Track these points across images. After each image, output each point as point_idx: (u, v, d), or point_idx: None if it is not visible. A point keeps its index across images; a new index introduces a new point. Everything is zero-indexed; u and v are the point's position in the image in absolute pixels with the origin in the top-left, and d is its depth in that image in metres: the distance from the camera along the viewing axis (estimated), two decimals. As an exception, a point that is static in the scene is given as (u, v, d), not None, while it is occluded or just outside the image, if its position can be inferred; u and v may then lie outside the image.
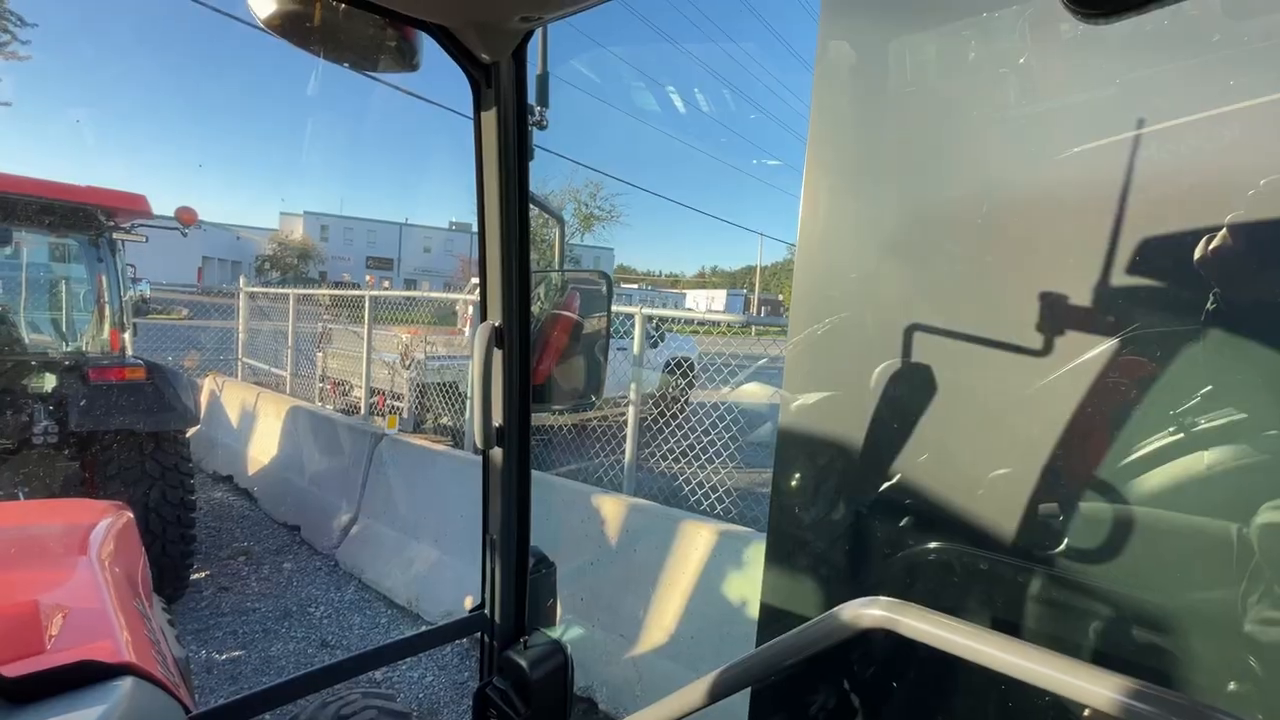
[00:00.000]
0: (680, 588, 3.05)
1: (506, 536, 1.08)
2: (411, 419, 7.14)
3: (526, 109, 0.92)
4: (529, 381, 1.05)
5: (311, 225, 51.51)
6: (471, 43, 0.83)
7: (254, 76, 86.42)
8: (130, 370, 3.69)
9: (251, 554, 4.88)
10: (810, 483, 1.54)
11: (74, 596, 1.10)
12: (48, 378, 3.70)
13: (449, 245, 55.86)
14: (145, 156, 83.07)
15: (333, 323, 8.56)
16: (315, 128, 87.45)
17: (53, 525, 1.57)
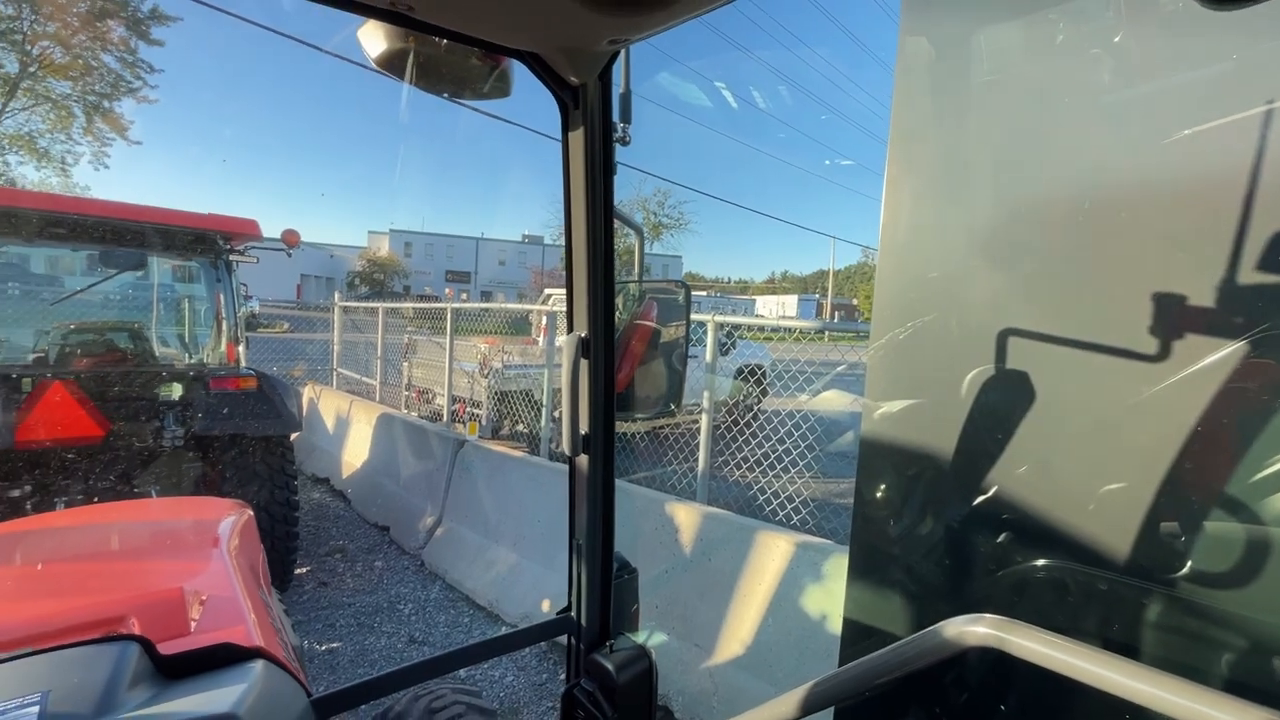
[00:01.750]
0: (757, 599, 3.00)
1: (592, 542, 1.11)
2: (489, 425, 7.40)
3: (612, 127, 0.95)
4: (613, 391, 1.08)
5: (396, 242, 54.59)
6: (561, 67, 0.87)
7: (344, 108, 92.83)
8: (244, 380, 4.04)
9: (346, 552, 5.20)
10: (896, 494, 1.49)
11: (210, 585, 1.23)
12: (175, 387, 4.09)
13: (522, 257, 57.69)
14: (252, 184, 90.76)
15: (416, 334, 9.02)
16: (400, 151, 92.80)
17: (188, 520, 1.75)
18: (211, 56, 75.44)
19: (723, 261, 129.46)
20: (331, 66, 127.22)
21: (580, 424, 1.02)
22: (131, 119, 25.75)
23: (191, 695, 0.75)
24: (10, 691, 0.68)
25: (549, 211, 77.17)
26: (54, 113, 24.48)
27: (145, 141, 52.37)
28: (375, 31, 0.86)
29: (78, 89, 24.48)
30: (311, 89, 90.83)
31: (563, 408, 1.03)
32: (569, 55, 0.85)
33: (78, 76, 24.21)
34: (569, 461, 1.14)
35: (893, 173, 1.45)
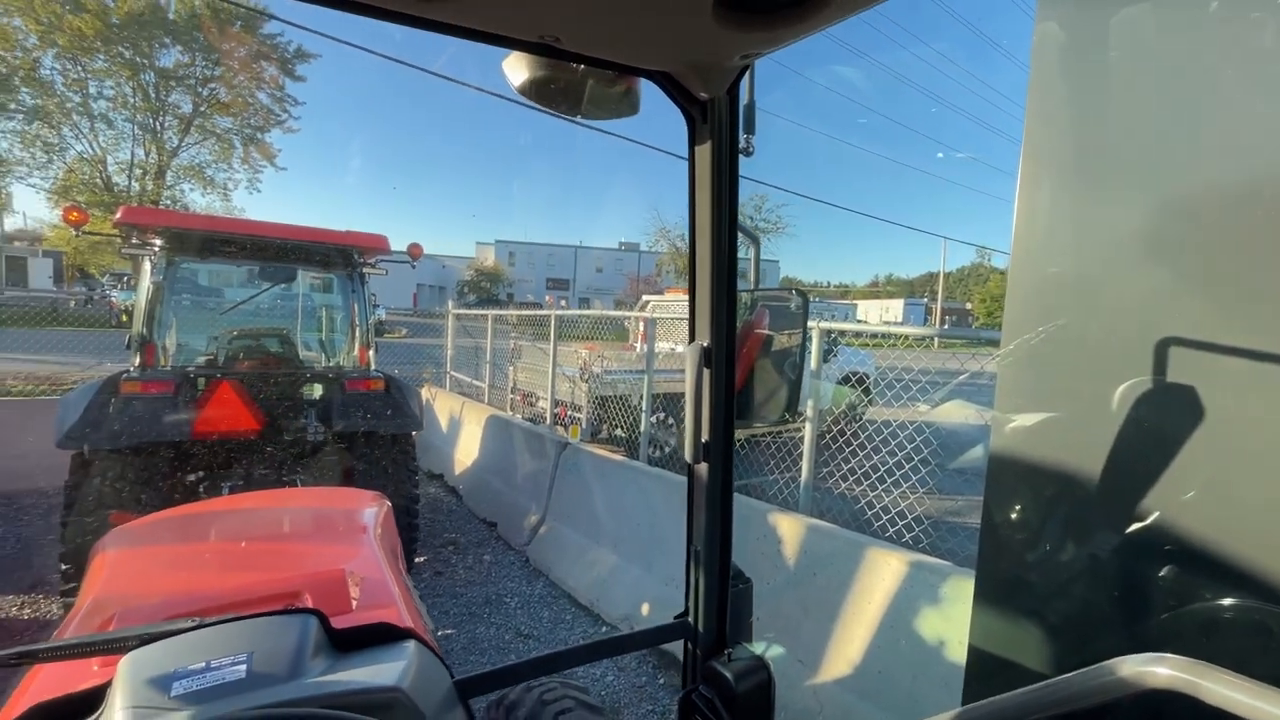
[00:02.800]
0: (866, 618, 2.88)
1: (710, 549, 1.12)
2: (589, 429, 7.61)
3: (738, 140, 0.96)
4: (734, 400, 1.09)
5: (501, 252, 57.50)
6: (691, 83, 0.90)
7: (454, 128, 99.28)
8: (374, 381, 4.43)
9: (458, 545, 5.53)
10: (1033, 516, 1.38)
11: (363, 568, 1.36)
12: (316, 387, 4.54)
13: (618, 264, 58.84)
14: (373, 201, 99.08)
15: (520, 339, 9.46)
16: (506, 164, 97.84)
17: (338, 508, 1.95)
18: (342, 88, 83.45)
19: (822, 265, 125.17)
20: (444, 92, 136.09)
21: (701, 432, 1.03)
22: (279, 147, 28.95)
23: (361, 668, 0.84)
24: (222, 650, 0.80)
25: (645, 219, 78.09)
26: (218, 145, 28.00)
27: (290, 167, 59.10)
28: (519, 62, 0.92)
29: (237, 123, 27.86)
30: (424, 113, 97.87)
31: (685, 415, 1.05)
32: (700, 71, 0.87)
33: (237, 113, 27.57)
34: (687, 468, 1.16)
35: (1028, 166, 1.35)
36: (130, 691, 0.72)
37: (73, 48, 23.10)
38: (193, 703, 0.72)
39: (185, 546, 1.57)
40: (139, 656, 0.77)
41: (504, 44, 0.84)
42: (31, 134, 24.32)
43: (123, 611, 1.04)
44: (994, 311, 53.03)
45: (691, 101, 0.93)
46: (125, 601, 1.11)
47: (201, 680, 0.74)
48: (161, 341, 4.11)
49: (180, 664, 0.76)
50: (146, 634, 0.81)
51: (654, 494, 4.35)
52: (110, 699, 0.73)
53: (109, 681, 0.76)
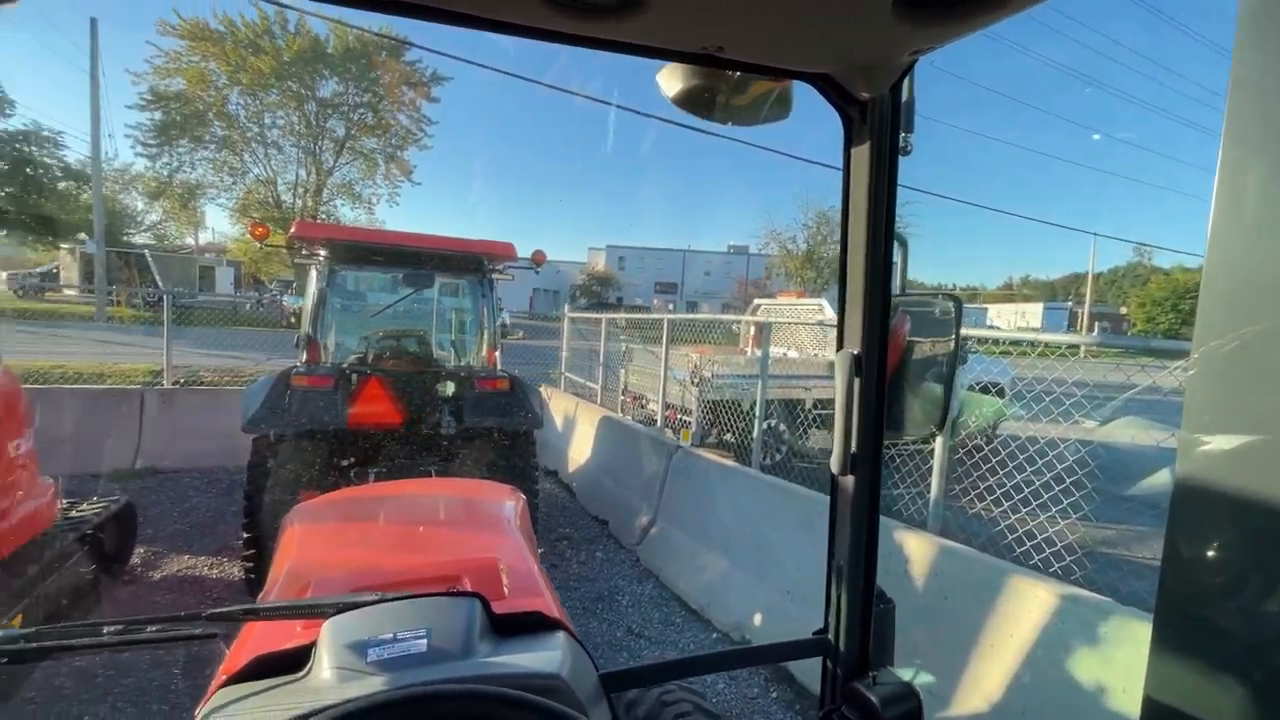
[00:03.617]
0: (1006, 651, 2.63)
1: (855, 565, 1.07)
2: (699, 433, 7.59)
3: (899, 140, 0.92)
4: (884, 411, 1.04)
5: (612, 256, 58.98)
6: (852, 83, 0.87)
7: (567, 137, 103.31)
8: (500, 381, 4.70)
9: (572, 540, 5.72)
10: (1229, 554, 1.20)
11: (511, 558, 1.45)
12: (449, 384, 4.88)
13: (727, 268, 58.32)
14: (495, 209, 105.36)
15: (629, 342, 9.63)
16: (618, 170, 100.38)
17: (481, 499, 2.09)
18: (466, 105, 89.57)
19: (947, 266, 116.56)
20: (557, 105, 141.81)
21: (851, 443, 1.00)
22: (414, 164, 31.65)
23: (521, 653, 0.89)
24: (404, 623, 0.88)
25: (755, 222, 76.87)
26: (364, 164, 31.09)
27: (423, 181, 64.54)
28: (674, 74, 0.94)
29: (380, 144, 30.82)
30: (539, 125, 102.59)
31: (835, 425, 1.02)
32: (863, 71, 0.84)
33: (381, 134, 30.49)
34: (831, 480, 1.12)
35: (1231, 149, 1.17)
36: (334, 653, 0.82)
37: (253, 85, 26.69)
38: (385, 670, 0.80)
39: (359, 525, 1.76)
40: (337, 623, 0.87)
41: (664, 56, 0.86)
42: (220, 161, 28.40)
43: (316, 581, 1.19)
44: (1155, 317, 46.63)
45: (850, 102, 0.90)
46: (317, 572, 1.26)
47: (391, 650, 0.83)
48: (324, 341, 4.63)
49: (372, 633, 0.85)
50: (341, 603, 0.92)
51: (768, 502, 4.26)
52: (317, 658, 0.83)
53: (313, 642, 0.86)
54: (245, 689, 0.80)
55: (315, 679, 0.81)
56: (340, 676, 0.80)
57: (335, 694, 0.76)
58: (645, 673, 1.01)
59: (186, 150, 27.42)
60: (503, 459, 4.65)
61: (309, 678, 0.82)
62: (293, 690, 0.79)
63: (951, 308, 1.40)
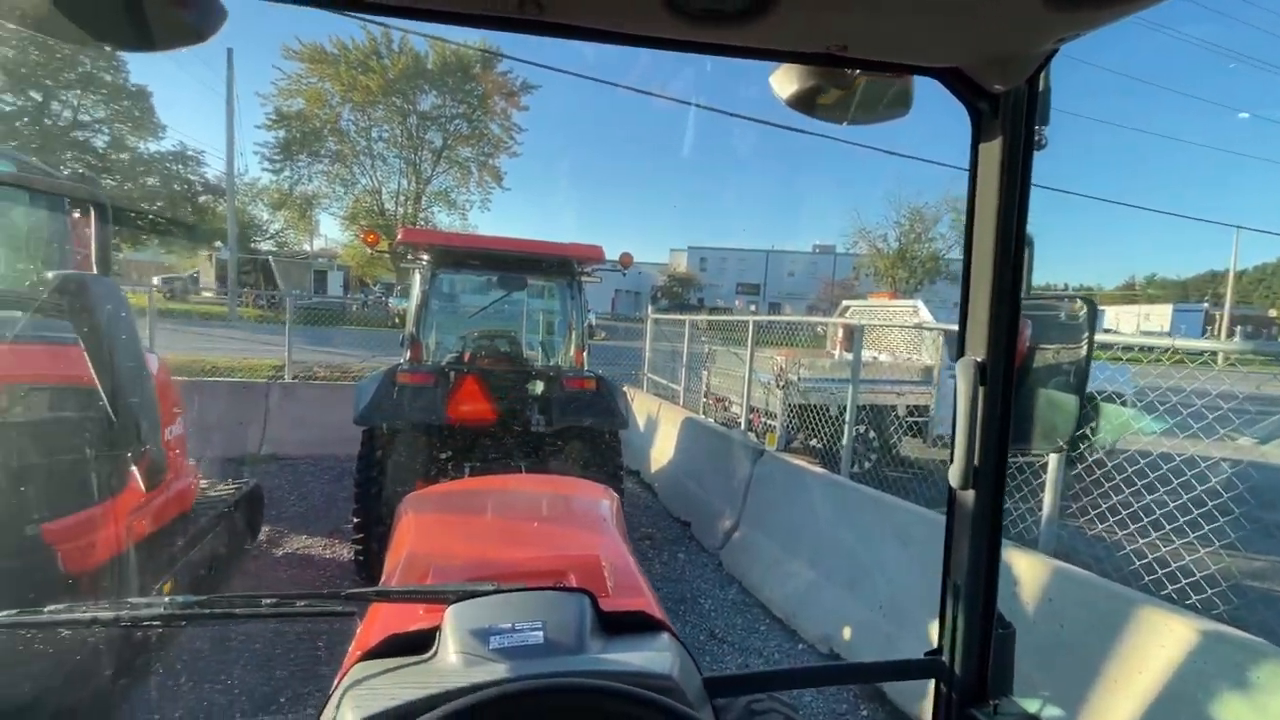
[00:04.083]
0: (1134, 689, 2.40)
1: (973, 585, 1.01)
2: (782, 438, 7.43)
3: (1034, 134, 0.86)
4: (1009, 423, 0.98)
5: (693, 258, 58.85)
6: (984, 76, 0.82)
7: (650, 140, 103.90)
8: (588, 381, 4.81)
9: (654, 540, 5.76)
10: None
11: (612, 556, 1.48)
12: (539, 384, 5.05)
13: (812, 268, 56.71)
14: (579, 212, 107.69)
15: (711, 343, 9.57)
16: (700, 171, 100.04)
17: (578, 496, 2.15)
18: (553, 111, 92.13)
19: (1058, 264, 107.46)
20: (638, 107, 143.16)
21: (973, 455, 0.94)
22: (505, 170, 32.98)
23: (630, 652, 0.91)
24: (520, 615, 0.92)
25: (843, 220, 74.26)
26: (459, 172, 32.73)
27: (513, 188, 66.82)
28: (790, 75, 0.92)
29: (473, 152, 32.35)
30: (619, 127, 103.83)
31: (955, 437, 0.96)
32: (998, 62, 0.80)
33: (474, 143, 31.99)
34: (949, 494, 1.06)
35: None
36: (458, 638, 0.87)
37: (362, 102, 28.77)
38: (505, 658, 0.84)
39: (470, 517, 1.86)
40: (459, 610, 0.92)
41: (784, 59, 0.84)
42: (333, 173, 30.84)
43: (435, 568, 1.27)
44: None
45: (981, 95, 0.85)
46: (435, 560, 1.34)
47: (509, 639, 0.87)
48: (426, 340, 4.91)
49: (492, 622, 0.89)
50: (461, 591, 0.97)
51: (860, 512, 4.11)
52: (442, 641, 0.89)
53: (437, 626, 0.92)
54: (379, 665, 0.87)
55: (442, 661, 0.86)
56: (465, 661, 0.84)
57: (461, 677, 0.81)
58: (750, 680, 1.00)
59: (305, 164, 30.00)
60: (589, 457, 4.75)
61: (436, 659, 0.87)
62: (422, 670, 0.85)
63: (1081, 311, 1.30)
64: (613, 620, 0.98)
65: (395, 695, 0.77)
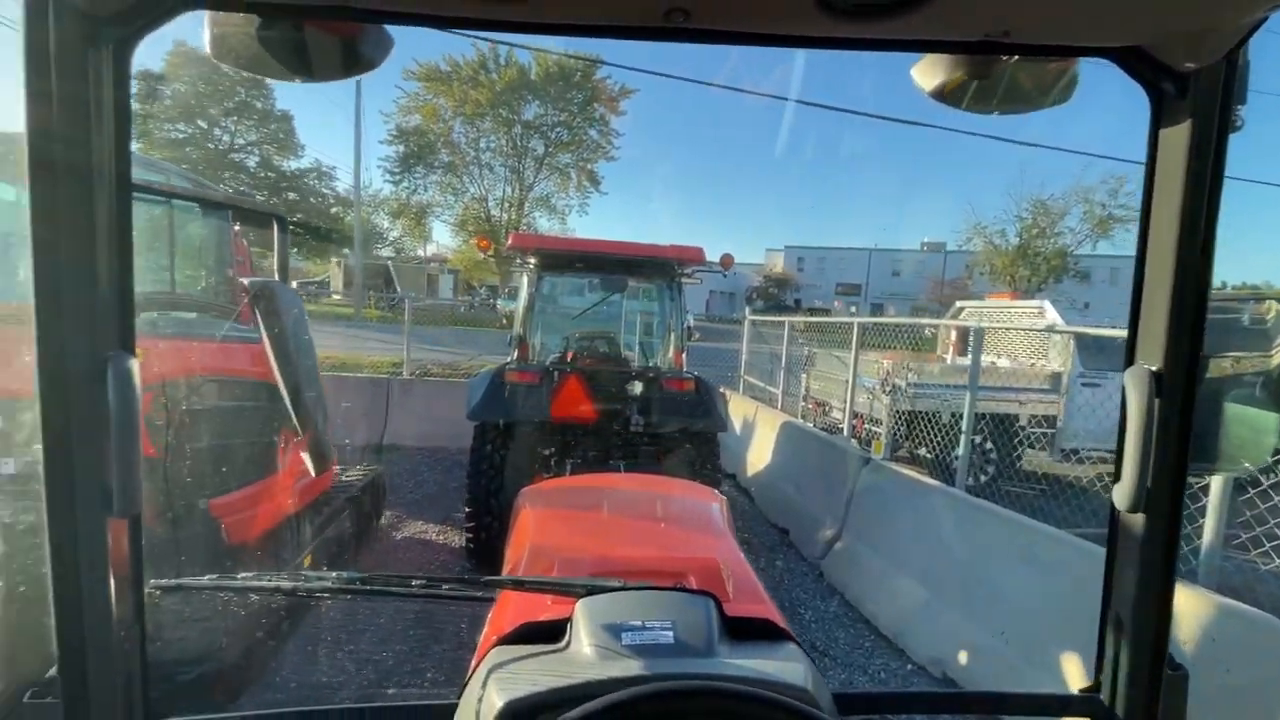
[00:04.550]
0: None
1: (1141, 619, 0.91)
2: (888, 445, 7.07)
3: (1229, 116, 0.76)
4: (1189, 440, 0.87)
5: (790, 258, 57.36)
6: (1173, 54, 0.74)
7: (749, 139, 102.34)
8: (686, 382, 4.81)
9: (751, 546, 5.66)
10: None
11: (730, 560, 1.48)
12: (638, 384, 5.11)
13: (920, 267, 53.52)
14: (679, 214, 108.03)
15: (808, 345, 9.27)
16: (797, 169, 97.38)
17: (690, 499, 2.16)
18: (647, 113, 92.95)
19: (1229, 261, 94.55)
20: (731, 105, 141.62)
21: (1146, 475, 0.85)
22: (602, 175, 33.78)
23: (759, 659, 0.90)
24: (648, 613, 0.94)
25: (954, 215, 69.56)
26: (559, 178, 33.89)
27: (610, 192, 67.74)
28: (938, 65, 0.87)
29: (573, 158, 33.38)
30: (713, 126, 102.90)
31: (1123, 453, 0.88)
32: (1190, 38, 0.71)
33: (574, 149, 33.01)
34: (1112, 516, 0.97)
35: None
36: (590, 632, 0.90)
37: (472, 114, 30.51)
38: (638, 655, 0.86)
39: (588, 513, 1.93)
40: (589, 604, 0.95)
41: (939, 49, 0.80)
42: (445, 183, 32.92)
43: (561, 561, 1.32)
44: None
45: (1165, 76, 0.77)
46: (560, 553, 1.40)
47: (640, 636, 0.89)
48: (532, 340, 5.12)
49: (623, 618, 0.92)
50: (591, 585, 1.01)
51: (980, 529, 3.83)
52: (575, 633, 0.92)
53: (567, 618, 0.95)
54: (515, 651, 0.92)
55: (576, 652, 0.89)
56: (599, 654, 0.87)
57: (596, 669, 0.84)
58: (882, 700, 0.95)
59: (420, 176, 32.26)
60: (686, 459, 4.75)
61: (569, 650, 0.90)
62: (557, 659, 0.88)
63: (1271, 313, 1.14)
64: (737, 625, 0.97)
65: (536, 681, 0.81)
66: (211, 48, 0.79)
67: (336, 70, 0.82)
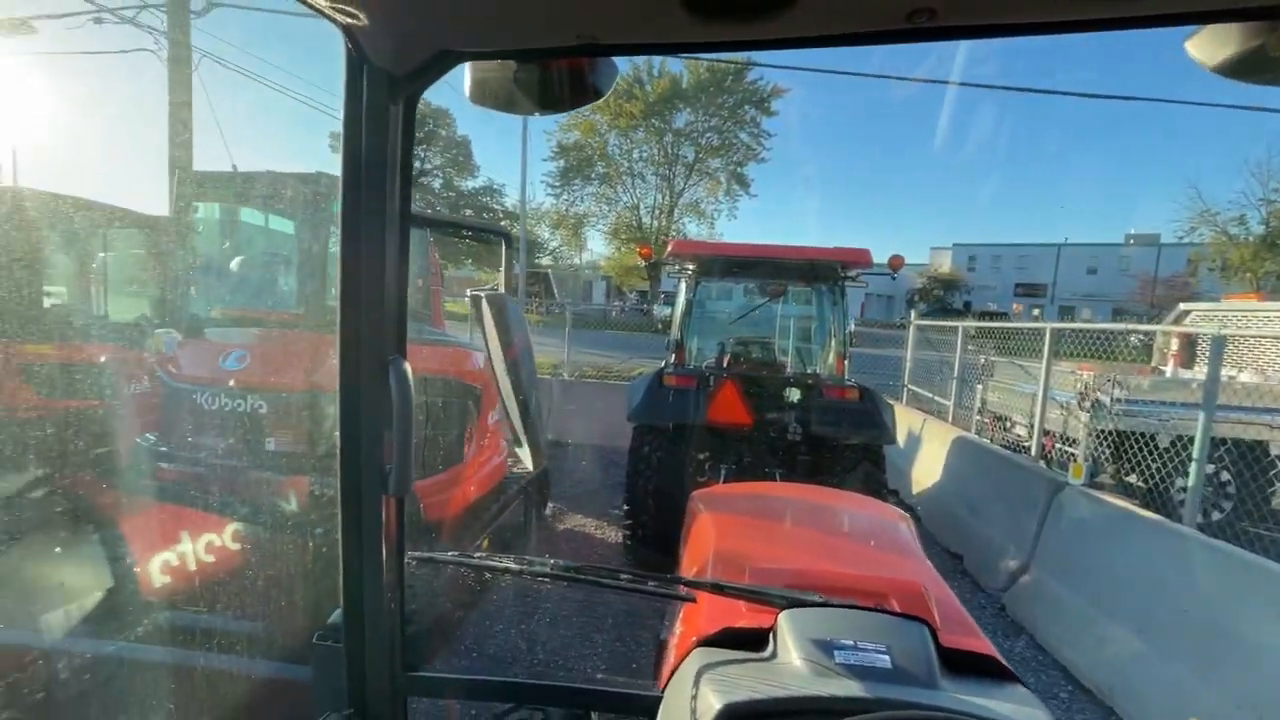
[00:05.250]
0: None
1: None
2: (1089, 469, 6.16)
3: None
4: None
5: (960, 256, 52.33)
6: None
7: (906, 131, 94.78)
8: (850, 390, 4.59)
9: (921, 569, 5.24)
10: None
11: (934, 587, 1.39)
12: (796, 391, 4.96)
13: (1124, 264, 46.07)
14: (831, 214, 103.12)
15: (989, 354, 8.35)
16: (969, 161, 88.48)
17: (879, 517, 2.04)
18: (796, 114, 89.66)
19: None
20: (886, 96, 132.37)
21: None
22: (752, 177, 33.35)
23: (989, 699, 0.83)
24: (859, 634, 0.91)
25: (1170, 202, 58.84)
26: (708, 183, 34.04)
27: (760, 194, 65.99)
28: (1217, 36, 0.76)
29: (723, 162, 33.34)
30: (868, 120, 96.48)
31: None
32: None
33: (724, 153, 32.98)
34: None
35: None
36: (799, 645, 0.89)
37: (626, 126, 31.74)
38: (855, 675, 0.84)
39: (773, 523, 1.91)
40: (794, 616, 0.95)
41: (1223, 19, 0.69)
42: (600, 194, 34.61)
43: (754, 569, 1.33)
44: None
45: None
46: (751, 560, 1.41)
47: (855, 656, 0.86)
48: (690, 344, 5.19)
49: (831, 635, 0.90)
50: (793, 598, 1.00)
51: (1221, 576, 3.21)
52: (780, 643, 0.92)
53: (770, 628, 0.95)
54: (719, 654, 0.93)
55: (785, 663, 0.89)
56: (811, 669, 0.86)
57: (811, 684, 0.83)
58: None
59: (578, 188, 34.22)
60: (849, 471, 4.53)
61: (776, 660, 0.90)
62: (766, 668, 0.89)
63: None
64: (954, 658, 0.90)
65: (754, 689, 0.81)
66: (471, 92, 0.90)
67: (570, 101, 0.90)
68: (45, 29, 9.68)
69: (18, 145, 7.28)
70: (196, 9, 9.39)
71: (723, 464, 4.95)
